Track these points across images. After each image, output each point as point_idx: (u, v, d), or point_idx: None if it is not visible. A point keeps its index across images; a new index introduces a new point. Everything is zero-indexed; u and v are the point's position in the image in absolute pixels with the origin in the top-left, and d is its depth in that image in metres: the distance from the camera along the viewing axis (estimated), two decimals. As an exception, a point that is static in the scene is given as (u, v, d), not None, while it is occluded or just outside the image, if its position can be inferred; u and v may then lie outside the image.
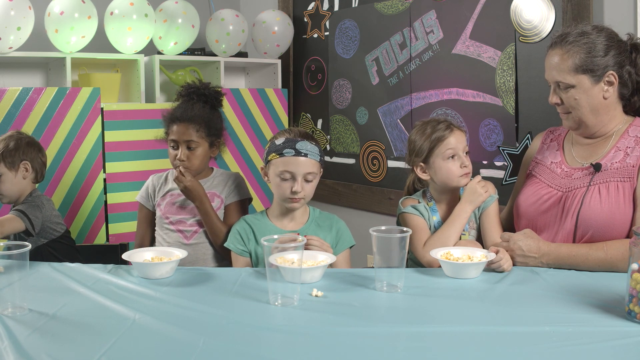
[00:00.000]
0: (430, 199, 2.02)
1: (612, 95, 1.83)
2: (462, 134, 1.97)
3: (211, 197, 2.17)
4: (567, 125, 1.91)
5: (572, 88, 1.82)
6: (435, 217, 1.99)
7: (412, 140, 2.00)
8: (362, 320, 1.39)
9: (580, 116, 1.84)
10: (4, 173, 2.24)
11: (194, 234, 2.16)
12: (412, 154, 2.00)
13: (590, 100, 1.82)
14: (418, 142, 1.98)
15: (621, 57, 1.82)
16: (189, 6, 3.35)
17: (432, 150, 1.95)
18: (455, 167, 1.95)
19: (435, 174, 1.97)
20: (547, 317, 1.39)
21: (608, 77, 1.81)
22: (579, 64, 1.79)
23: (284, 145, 1.90)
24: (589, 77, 1.80)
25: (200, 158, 2.17)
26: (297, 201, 1.91)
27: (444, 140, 1.94)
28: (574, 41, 1.81)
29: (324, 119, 3.71)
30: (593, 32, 1.82)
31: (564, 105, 1.86)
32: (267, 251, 1.52)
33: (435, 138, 1.95)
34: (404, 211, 2.00)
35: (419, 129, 2.00)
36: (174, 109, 2.20)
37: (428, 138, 1.95)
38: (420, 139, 1.97)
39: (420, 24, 3.09)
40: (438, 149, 1.94)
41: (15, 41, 2.85)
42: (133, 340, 1.28)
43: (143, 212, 2.27)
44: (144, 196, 2.26)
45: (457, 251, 1.79)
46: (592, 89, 1.81)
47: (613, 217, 1.76)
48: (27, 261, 1.45)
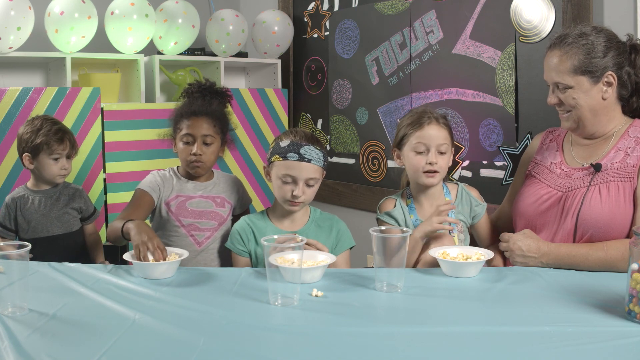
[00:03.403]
0: (409, 197, 2.01)
1: (611, 96, 1.83)
2: (442, 130, 1.92)
3: (221, 202, 2.15)
4: (566, 126, 1.90)
5: (571, 89, 1.82)
6: (412, 215, 1.98)
7: (398, 124, 2.01)
8: (362, 320, 1.39)
9: (580, 115, 1.84)
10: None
11: (206, 239, 2.12)
12: (395, 138, 2.01)
13: (589, 101, 1.82)
14: (399, 126, 1.98)
15: (620, 58, 1.82)
16: (189, 6, 3.35)
17: (405, 137, 1.94)
18: (420, 162, 1.91)
19: (405, 164, 1.97)
20: (547, 317, 1.38)
21: (607, 78, 1.80)
22: (577, 65, 1.79)
23: (288, 149, 1.89)
24: (587, 78, 1.80)
25: (214, 154, 2.15)
26: (297, 204, 1.91)
27: (417, 131, 1.91)
28: (573, 42, 1.81)
29: (324, 119, 3.71)
30: (592, 33, 1.82)
31: (563, 105, 1.86)
32: (267, 251, 1.52)
33: (411, 126, 1.92)
34: (378, 217, 2.01)
35: (408, 114, 2.00)
36: (188, 104, 2.15)
37: (406, 125, 1.95)
38: (401, 124, 1.97)
39: (420, 24, 3.09)
40: (410, 138, 1.93)
41: (15, 41, 2.85)
42: (133, 340, 1.28)
43: (145, 198, 2.09)
44: (153, 188, 2.10)
45: (453, 250, 1.80)
46: (591, 90, 1.81)
47: (613, 217, 1.76)
48: (27, 261, 1.45)
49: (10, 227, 2.28)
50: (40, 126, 2.27)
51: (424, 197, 1.99)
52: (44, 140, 2.25)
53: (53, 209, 2.29)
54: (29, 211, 2.27)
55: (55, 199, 2.31)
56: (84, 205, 2.38)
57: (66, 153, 2.30)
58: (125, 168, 3.14)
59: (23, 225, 2.27)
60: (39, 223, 2.27)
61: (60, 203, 2.32)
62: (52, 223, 2.29)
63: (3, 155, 2.85)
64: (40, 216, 2.27)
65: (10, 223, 2.28)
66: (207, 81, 2.24)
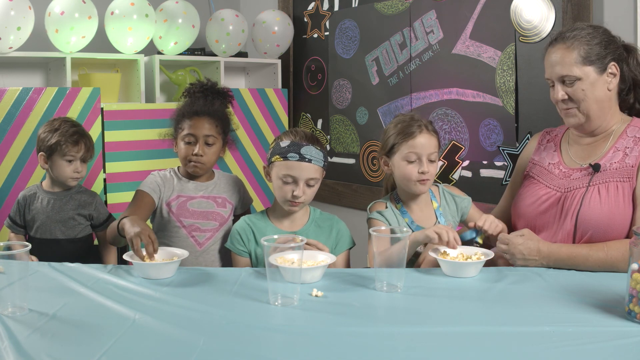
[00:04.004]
0: (398, 201, 2.02)
1: (614, 88, 1.85)
2: (432, 139, 1.94)
3: (222, 202, 2.15)
4: (573, 122, 1.88)
5: (579, 80, 1.82)
6: (407, 219, 1.98)
7: (385, 130, 2.02)
8: (362, 320, 1.39)
9: (587, 108, 1.84)
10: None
11: (207, 240, 2.12)
12: (381, 144, 2.01)
13: (596, 93, 1.83)
14: (387, 134, 1.98)
15: (618, 51, 1.85)
16: (189, 6, 3.35)
17: (395, 146, 1.95)
18: (412, 171, 1.92)
19: (394, 172, 1.97)
20: (547, 317, 1.39)
21: (611, 69, 1.83)
22: (584, 55, 1.80)
23: (288, 149, 1.89)
24: (594, 68, 1.81)
25: (216, 155, 2.14)
26: (297, 205, 1.92)
27: (408, 140, 1.92)
28: (575, 36, 1.82)
29: (324, 119, 3.71)
30: (589, 28, 1.85)
31: (571, 100, 1.85)
32: (267, 251, 1.52)
33: (402, 135, 1.93)
34: (370, 216, 2.01)
35: (395, 120, 2.00)
36: (190, 104, 2.14)
37: (396, 133, 1.95)
38: (390, 132, 1.97)
39: (420, 24, 3.09)
40: (401, 147, 1.93)
41: (15, 41, 2.85)
42: (133, 340, 1.28)
43: (146, 200, 2.08)
44: (154, 189, 2.09)
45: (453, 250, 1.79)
46: (598, 81, 1.82)
47: (613, 217, 1.76)
48: (27, 261, 1.45)
49: (20, 223, 2.29)
50: (58, 127, 2.26)
51: (413, 202, 2.01)
52: (59, 140, 2.23)
53: (59, 212, 2.27)
54: (35, 210, 2.27)
55: (64, 202, 2.29)
56: (95, 212, 2.34)
57: (80, 156, 2.27)
58: (125, 168, 3.14)
59: (30, 224, 2.28)
60: (43, 224, 2.26)
61: (68, 207, 2.29)
62: (55, 226, 2.27)
63: (3, 155, 2.85)
64: (45, 217, 2.27)
65: (21, 219, 2.29)
66: (208, 81, 2.23)
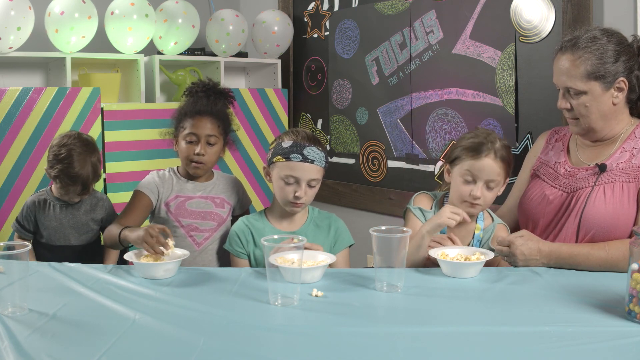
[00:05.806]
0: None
1: (620, 101, 1.83)
2: (497, 166, 1.83)
3: (220, 202, 2.15)
4: (575, 131, 1.90)
5: (584, 94, 1.81)
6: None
7: (460, 137, 1.94)
8: (362, 320, 1.39)
9: (590, 123, 1.84)
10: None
11: (205, 240, 2.11)
12: (449, 151, 1.94)
13: (600, 107, 1.82)
14: (458, 143, 1.90)
15: (631, 62, 1.82)
16: (189, 6, 3.35)
17: (457, 160, 1.89)
18: (465, 191, 1.86)
19: (452, 182, 1.92)
20: (547, 317, 1.39)
21: (618, 84, 1.80)
22: (590, 70, 1.78)
23: (291, 150, 1.88)
24: (600, 83, 1.79)
25: (217, 155, 2.14)
26: (299, 206, 1.91)
27: (471, 159, 1.85)
28: (586, 47, 1.79)
29: (324, 119, 3.71)
30: (603, 37, 1.81)
31: (573, 111, 1.86)
32: (267, 251, 1.52)
33: (467, 151, 1.86)
34: (410, 208, 1.97)
35: (472, 133, 1.91)
36: (193, 103, 2.13)
37: (464, 146, 1.88)
38: (461, 142, 1.90)
39: (420, 24, 3.09)
40: (462, 163, 1.87)
41: (15, 41, 2.85)
42: (133, 340, 1.28)
43: (143, 201, 2.09)
44: (152, 189, 2.10)
45: (453, 251, 1.79)
46: (603, 96, 1.80)
47: (617, 217, 1.77)
48: (27, 261, 1.45)
49: (29, 227, 2.23)
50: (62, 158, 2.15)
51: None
52: (57, 175, 2.16)
53: (72, 219, 2.22)
54: (47, 218, 2.21)
55: (76, 208, 2.23)
56: (105, 215, 2.29)
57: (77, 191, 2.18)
58: (125, 168, 3.14)
59: (41, 231, 2.22)
60: (57, 231, 2.21)
61: (81, 212, 2.24)
62: (69, 232, 2.22)
63: (3, 155, 2.85)
64: (58, 225, 2.21)
65: (29, 224, 2.22)
66: (210, 81, 2.22)
